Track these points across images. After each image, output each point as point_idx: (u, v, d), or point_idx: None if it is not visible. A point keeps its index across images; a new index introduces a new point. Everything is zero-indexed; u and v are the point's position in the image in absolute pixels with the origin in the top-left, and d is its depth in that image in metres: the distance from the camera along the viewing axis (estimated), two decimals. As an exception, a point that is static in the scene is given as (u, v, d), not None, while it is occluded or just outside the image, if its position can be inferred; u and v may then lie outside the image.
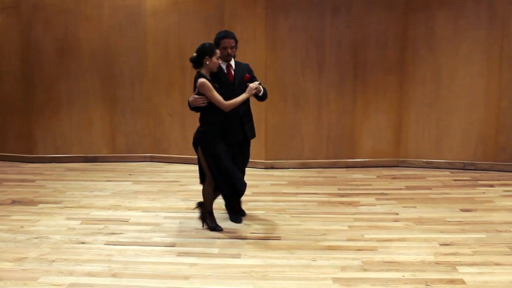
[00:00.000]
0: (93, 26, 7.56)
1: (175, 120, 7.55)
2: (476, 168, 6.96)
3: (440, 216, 5.04)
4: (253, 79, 4.76)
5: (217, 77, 4.61)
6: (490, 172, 6.84)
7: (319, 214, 5.15)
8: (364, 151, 7.23)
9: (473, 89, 6.88)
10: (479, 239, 4.42)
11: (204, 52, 4.42)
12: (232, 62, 4.79)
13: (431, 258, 4.02)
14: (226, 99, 4.45)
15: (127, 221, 4.99)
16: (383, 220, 4.93)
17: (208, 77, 4.44)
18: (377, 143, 7.22)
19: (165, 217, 5.07)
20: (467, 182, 6.38)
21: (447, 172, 6.87)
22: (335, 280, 3.64)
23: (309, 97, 7.03)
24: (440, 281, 3.62)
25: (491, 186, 6.20)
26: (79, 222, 4.96)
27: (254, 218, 5.02)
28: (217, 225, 4.68)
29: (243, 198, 4.96)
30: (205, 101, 4.42)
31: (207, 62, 4.42)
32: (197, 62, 4.44)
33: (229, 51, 4.68)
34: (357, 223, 4.85)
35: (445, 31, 6.87)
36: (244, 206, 5.34)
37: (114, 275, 3.74)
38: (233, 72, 4.76)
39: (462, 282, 3.61)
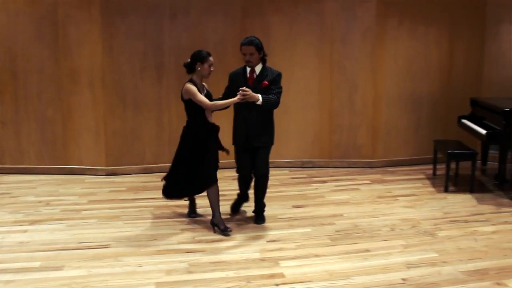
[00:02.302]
0: None
1: (8, 128, 7.06)
2: (313, 166, 7.35)
3: (272, 214, 5.23)
4: (270, 88, 4.78)
5: (237, 79, 4.78)
6: (326, 169, 7.25)
7: (154, 219, 5.11)
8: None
9: (308, 90, 7.26)
10: (304, 233, 4.67)
11: (196, 58, 4.63)
12: (258, 68, 4.80)
13: (257, 255, 4.16)
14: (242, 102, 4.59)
15: None
16: (217, 221, 5.01)
17: (197, 83, 4.63)
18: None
19: (-13, 233, 4.72)
20: (303, 180, 6.70)
21: (286, 171, 7.17)
22: (158, 284, 3.62)
23: (149, 101, 6.92)
24: (262, 276, 3.76)
25: (324, 182, 6.57)
26: None
27: (85, 227, 4.84)
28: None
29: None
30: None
31: (199, 68, 4.62)
32: (189, 67, 4.67)
33: (248, 57, 4.73)
34: (190, 226, 4.88)
35: (280, 36, 7.17)
36: (77, 215, 5.17)
37: None
38: (254, 77, 4.77)
39: (282, 275, 3.77)
